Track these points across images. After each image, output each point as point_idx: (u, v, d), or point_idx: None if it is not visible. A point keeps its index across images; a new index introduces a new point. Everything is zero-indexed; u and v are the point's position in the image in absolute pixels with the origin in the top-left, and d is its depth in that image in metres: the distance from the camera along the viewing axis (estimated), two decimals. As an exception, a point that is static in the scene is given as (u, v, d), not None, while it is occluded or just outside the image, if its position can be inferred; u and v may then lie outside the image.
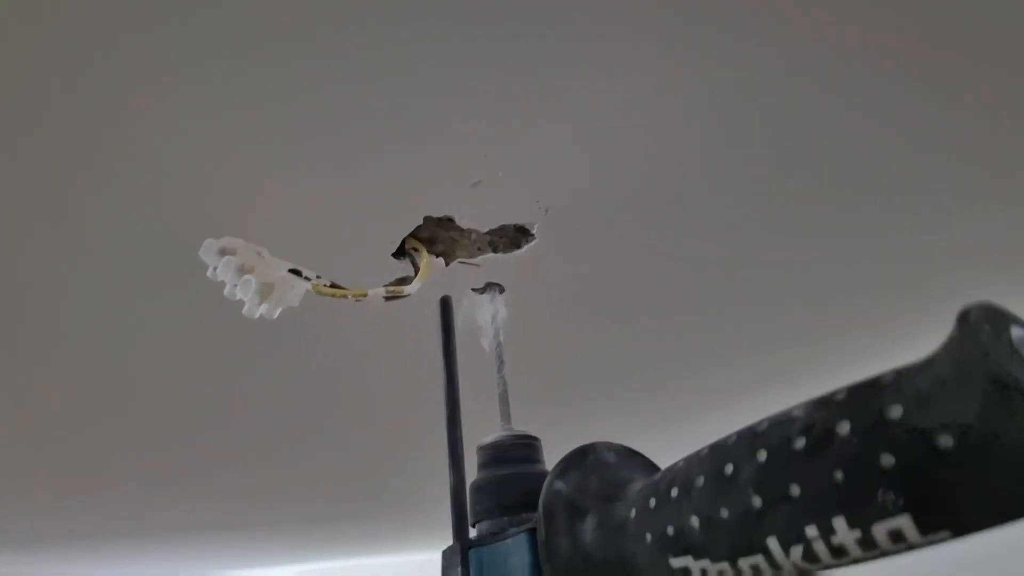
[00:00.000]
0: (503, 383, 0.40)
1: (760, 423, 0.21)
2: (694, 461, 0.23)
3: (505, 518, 0.33)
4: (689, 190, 0.40)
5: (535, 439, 0.38)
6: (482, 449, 0.37)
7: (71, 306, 0.42)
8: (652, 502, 0.24)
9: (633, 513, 0.25)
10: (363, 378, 0.57)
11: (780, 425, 0.20)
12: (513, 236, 0.42)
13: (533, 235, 0.41)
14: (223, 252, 0.28)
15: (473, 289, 0.45)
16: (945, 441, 0.15)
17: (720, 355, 0.61)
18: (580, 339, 0.55)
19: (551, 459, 0.33)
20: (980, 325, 0.15)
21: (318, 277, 0.32)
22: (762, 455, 0.19)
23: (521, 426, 0.39)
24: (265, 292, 0.27)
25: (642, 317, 0.53)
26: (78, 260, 0.38)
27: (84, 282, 0.40)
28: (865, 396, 0.18)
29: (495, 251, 0.42)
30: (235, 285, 0.27)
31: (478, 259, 0.43)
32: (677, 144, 0.36)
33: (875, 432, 0.17)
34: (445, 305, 0.38)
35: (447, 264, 0.42)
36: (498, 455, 0.36)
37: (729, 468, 0.20)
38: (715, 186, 0.40)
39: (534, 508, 0.29)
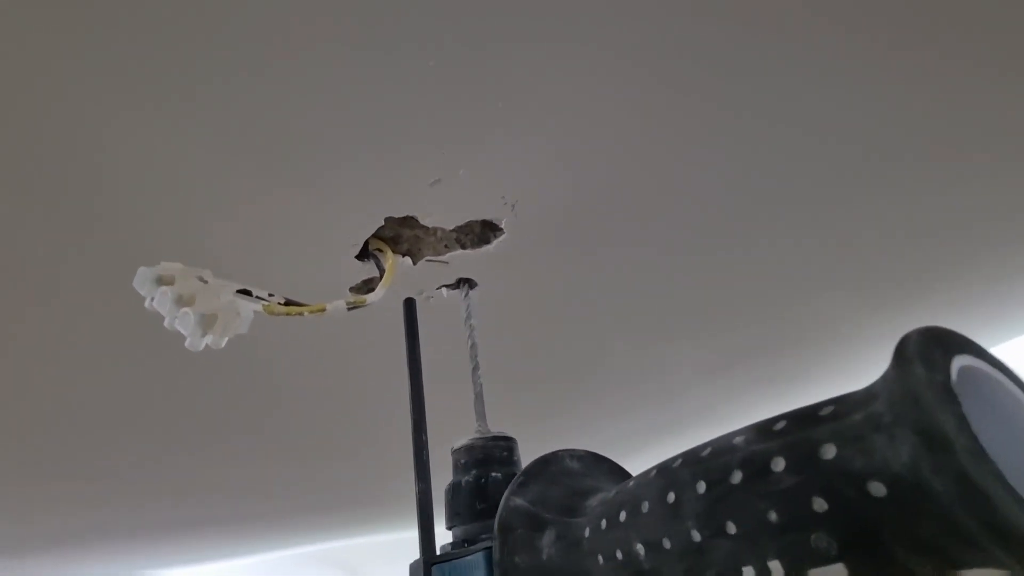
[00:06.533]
0: (478, 383, 0.39)
1: (704, 447, 0.20)
2: (643, 483, 0.22)
3: (479, 523, 0.33)
4: (659, 185, 0.38)
5: (511, 439, 0.37)
6: (456, 452, 0.36)
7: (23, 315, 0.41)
8: (604, 523, 0.23)
9: (587, 532, 0.24)
10: (333, 376, 0.56)
11: (721, 453, 0.18)
12: (480, 232, 0.41)
13: (502, 230, 0.40)
14: (160, 281, 0.26)
15: (444, 285, 0.44)
16: (876, 489, 0.14)
17: (692, 339, 0.60)
18: (556, 332, 0.54)
19: (527, 455, 0.33)
20: (914, 362, 0.14)
21: (270, 295, 0.31)
22: (701, 486, 0.18)
23: (497, 423, 0.38)
24: (208, 323, 0.26)
25: (616, 308, 0.52)
26: (50, 268, 0.37)
27: (40, 295, 0.39)
28: (802, 429, 0.16)
29: (463, 247, 0.41)
30: (174, 318, 0.26)
31: (446, 256, 0.41)
32: (648, 136, 0.34)
33: (808, 472, 0.15)
34: (409, 307, 0.37)
35: (414, 263, 0.41)
36: (472, 457, 0.35)
37: (671, 496, 0.19)
38: (689, 179, 0.38)
39: None
